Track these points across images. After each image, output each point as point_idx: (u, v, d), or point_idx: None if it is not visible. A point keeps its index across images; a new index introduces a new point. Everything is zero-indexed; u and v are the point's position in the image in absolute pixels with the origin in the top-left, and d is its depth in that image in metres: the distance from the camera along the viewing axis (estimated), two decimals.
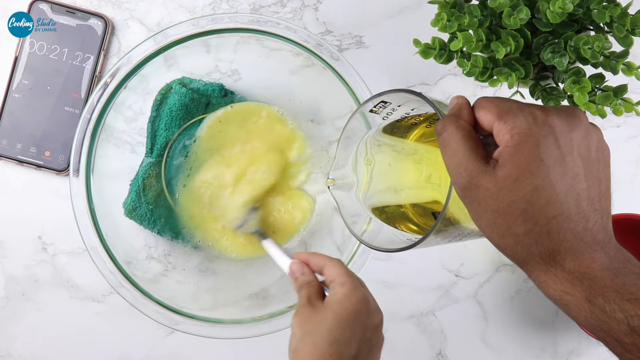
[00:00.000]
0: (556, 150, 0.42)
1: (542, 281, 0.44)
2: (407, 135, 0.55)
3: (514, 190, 0.42)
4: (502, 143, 0.43)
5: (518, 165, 0.42)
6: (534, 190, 0.42)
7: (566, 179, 0.42)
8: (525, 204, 0.42)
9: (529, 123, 0.42)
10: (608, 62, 0.54)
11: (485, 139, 0.45)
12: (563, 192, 0.42)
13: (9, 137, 0.75)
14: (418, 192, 0.55)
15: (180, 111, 0.72)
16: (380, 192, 0.57)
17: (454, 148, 0.44)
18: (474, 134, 0.44)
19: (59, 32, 0.75)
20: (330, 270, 0.57)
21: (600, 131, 0.46)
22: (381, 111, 0.54)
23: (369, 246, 0.54)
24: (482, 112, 0.44)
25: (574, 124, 0.43)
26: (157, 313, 0.67)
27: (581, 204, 0.43)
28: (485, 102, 0.45)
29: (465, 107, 0.45)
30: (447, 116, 0.45)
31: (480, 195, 0.43)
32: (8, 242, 0.76)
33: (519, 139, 0.42)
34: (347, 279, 0.56)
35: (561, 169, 0.42)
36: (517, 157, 0.42)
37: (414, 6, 0.77)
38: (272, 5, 0.77)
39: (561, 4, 0.50)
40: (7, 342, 0.76)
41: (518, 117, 0.43)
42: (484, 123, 0.44)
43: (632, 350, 0.41)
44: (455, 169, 0.44)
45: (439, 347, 0.78)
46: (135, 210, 0.72)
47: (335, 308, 0.54)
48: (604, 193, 0.44)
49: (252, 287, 0.74)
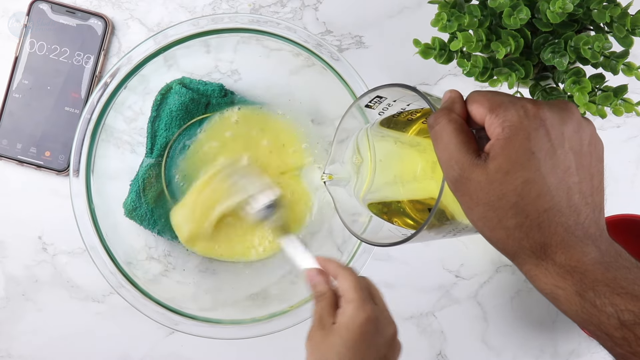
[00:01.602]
0: (547, 143, 0.42)
1: (533, 275, 0.44)
2: (405, 131, 0.55)
3: (504, 183, 0.42)
4: (494, 136, 0.43)
5: (509, 158, 0.42)
6: (525, 183, 0.42)
7: (557, 172, 0.42)
8: (516, 197, 0.42)
9: (520, 116, 0.42)
10: (608, 62, 0.54)
11: (477, 133, 0.45)
12: (554, 185, 0.42)
13: (9, 137, 0.75)
14: (417, 188, 0.55)
15: (180, 111, 0.72)
16: (381, 188, 0.57)
17: (445, 141, 0.44)
18: (466, 127, 0.44)
19: (59, 32, 0.75)
20: (341, 283, 0.57)
21: (593, 125, 0.45)
22: (377, 106, 0.54)
23: (363, 240, 0.54)
24: (474, 106, 0.44)
25: (565, 117, 0.43)
26: (157, 313, 0.67)
27: (572, 198, 0.43)
28: (478, 95, 0.45)
29: (458, 101, 0.45)
30: (440, 109, 0.45)
31: (471, 189, 0.43)
32: (8, 242, 0.76)
33: (510, 132, 0.42)
34: (354, 295, 0.55)
35: (552, 162, 0.42)
36: (508, 150, 0.42)
37: (414, 6, 0.77)
38: (272, 5, 0.77)
39: (561, 4, 0.50)
40: (7, 342, 0.76)
41: (509, 110, 0.43)
42: (476, 116, 0.44)
43: (622, 344, 0.41)
44: (447, 162, 0.44)
45: (439, 348, 0.78)
46: (135, 211, 0.72)
47: (343, 334, 0.54)
48: (596, 187, 0.44)
49: (252, 287, 0.73)
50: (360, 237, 0.55)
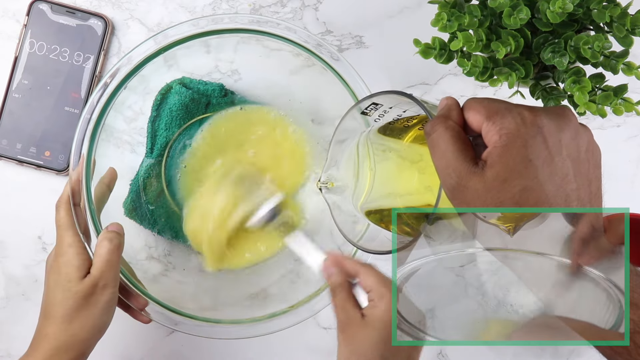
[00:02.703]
0: (544, 151, 0.42)
1: None
2: (401, 138, 0.55)
3: (502, 191, 0.42)
4: (491, 144, 0.43)
5: (506, 165, 0.42)
6: (523, 191, 0.42)
7: (555, 180, 0.42)
8: (513, 205, 0.42)
9: (517, 123, 0.42)
10: (608, 61, 0.54)
11: (474, 140, 0.45)
12: (552, 193, 0.42)
13: (9, 137, 0.75)
14: (415, 197, 0.55)
15: (180, 111, 0.72)
16: (378, 193, 0.57)
17: (442, 149, 0.44)
18: (463, 135, 0.44)
19: (59, 32, 0.75)
20: (366, 279, 0.57)
21: (590, 132, 0.45)
22: (372, 113, 0.54)
23: (360, 248, 0.54)
24: (471, 113, 0.44)
25: (563, 124, 0.43)
26: (157, 313, 0.67)
27: (571, 205, 0.43)
28: (474, 103, 0.45)
29: (455, 108, 0.45)
30: (436, 117, 0.45)
31: (468, 197, 0.43)
32: (8, 242, 0.76)
33: (507, 140, 0.42)
34: (384, 290, 0.55)
35: (550, 169, 0.42)
36: (505, 157, 0.42)
37: (414, 6, 0.77)
38: (272, 5, 0.77)
39: (561, 3, 0.50)
40: (7, 342, 0.76)
41: (506, 118, 0.43)
42: (473, 124, 0.44)
43: (622, 352, 0.41)
44: (444, 170, 0.44)
45: (440, 347, 0.78)
46: (135, 210, 0.72)
47: (378, 326, 0.54)
48: (594, 194, 0.44)
49: (252, 287, 0.73)
50: (356, 244, 0.55)
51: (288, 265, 0.74)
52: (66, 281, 0.59)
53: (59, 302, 0.59)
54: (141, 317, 0.65)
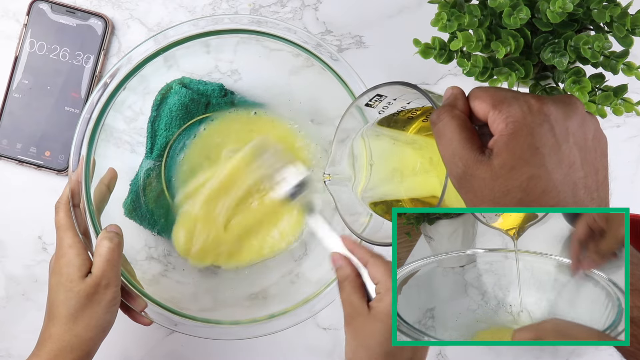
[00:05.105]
0: (552, 139, 0.42)
1: None
2: (405, 129, 0.55)
3: (509, 179, 0.42)
4: (497, 132, 0.43)
5: (513, 154, 0.42)
6: (530, 179, 0.41)
7: (562, 168, 0.42)
8: (521, 194, 0.42)
9: (523, 112, 0.42)
10: (608, 62, 0.54)
11: (480, 129, 0.45)
12: (559, 181, 0.42)
13: (9, 137, 0.75)
14: (417, 186, 0.55)
15: (180, 111, 0.72)
16: (379, 185, 0.57)
17: (449, 138, 0.44)
18: (469, 124, 0.44)
19: (59, 32, 0.75)
20: (374, 270, 0.57)
21: (597, 120, 0.45)
22: (377, 105, 0.54)
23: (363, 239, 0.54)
24: (476, 102, 0.44)
25: (570, 112, 0.43)
26: (156, 314, 0.67)
27: (578, 193, 0.42)
28: (480, 91, 0.44)
29: (460, 97, 0.45)
30: (442, 106, 0.45)
31: (475, 185, 0.43)
32: (8, 242, 0.76)
33: (513, 128, 0.42)
34: (391, 283, 0.55)
35: (557, 157, 0.42)
36: (512, 145, 0.42)
37: (414, 6, 0.77)
38: (272, 5, 0.77)
39: (561, 3, 0.50)
40: (7, 342, 0.76)
41: (513, 106, 0.42)
42: (479, 113, 0.44)
43: (630, 341, 0.41)
44: (450, 159, 0.44)
45: (439, 347, 0.78)
46: (135, 211, 0.72)
47: (383, 319, 0.55)
48: (601, 182, 0.44)
49: (252, 288, 0.73)
50: (360, 235, 0.55)
51: (288, 266, 0.74)
52: (68, 281, 0.59)
53: (61, 302, 0.59)
54: (141, 319, 0.65)
